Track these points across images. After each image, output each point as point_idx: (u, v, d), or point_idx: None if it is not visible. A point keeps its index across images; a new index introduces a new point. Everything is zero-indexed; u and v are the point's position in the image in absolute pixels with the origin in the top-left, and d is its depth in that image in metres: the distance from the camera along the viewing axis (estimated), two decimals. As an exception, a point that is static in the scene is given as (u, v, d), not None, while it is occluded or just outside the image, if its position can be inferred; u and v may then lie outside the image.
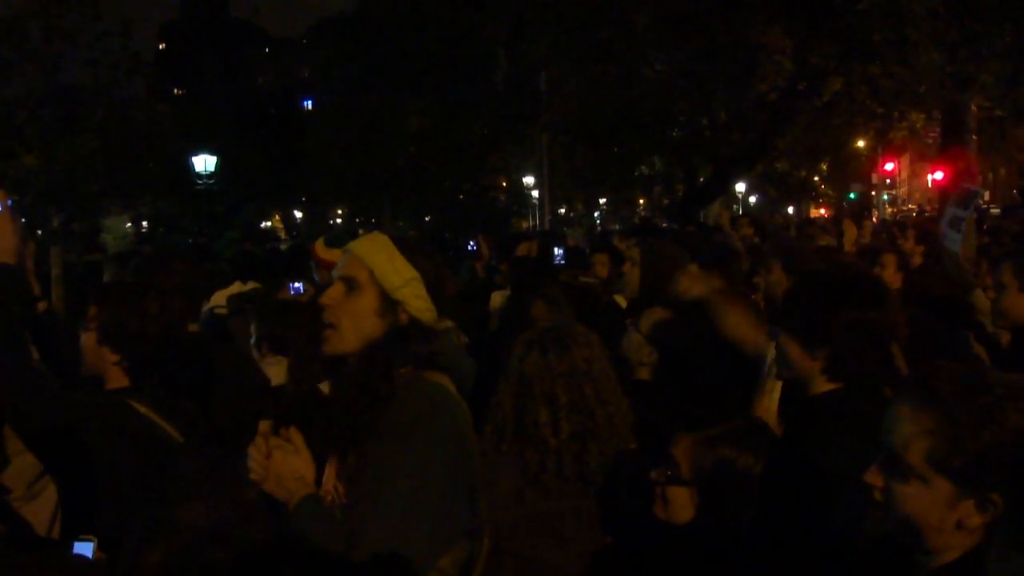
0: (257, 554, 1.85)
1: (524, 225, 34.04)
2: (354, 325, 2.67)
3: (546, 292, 5.01)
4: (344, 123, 33.26)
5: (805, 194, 41.41)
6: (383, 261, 2.69)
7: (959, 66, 14.69)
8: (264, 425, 2.60)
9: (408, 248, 2.75)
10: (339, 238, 5.85)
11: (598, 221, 40.50)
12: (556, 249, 7.07)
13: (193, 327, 4.31)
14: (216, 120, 39.09)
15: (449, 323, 5.03)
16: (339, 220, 45.72)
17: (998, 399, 1.83)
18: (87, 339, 3.36)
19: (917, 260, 8.53)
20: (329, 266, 3.39)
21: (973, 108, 16.28)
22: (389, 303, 2.68)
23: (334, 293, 2.70)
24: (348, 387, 2.66)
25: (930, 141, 22.34)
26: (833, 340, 2.75)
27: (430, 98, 31.60)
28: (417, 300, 2.70)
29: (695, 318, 4.11)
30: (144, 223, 41.22)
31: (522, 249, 7.20)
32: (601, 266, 7.42)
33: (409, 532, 2.50)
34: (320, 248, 6.17)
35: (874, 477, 1.96)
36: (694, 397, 3.81)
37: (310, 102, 50.56)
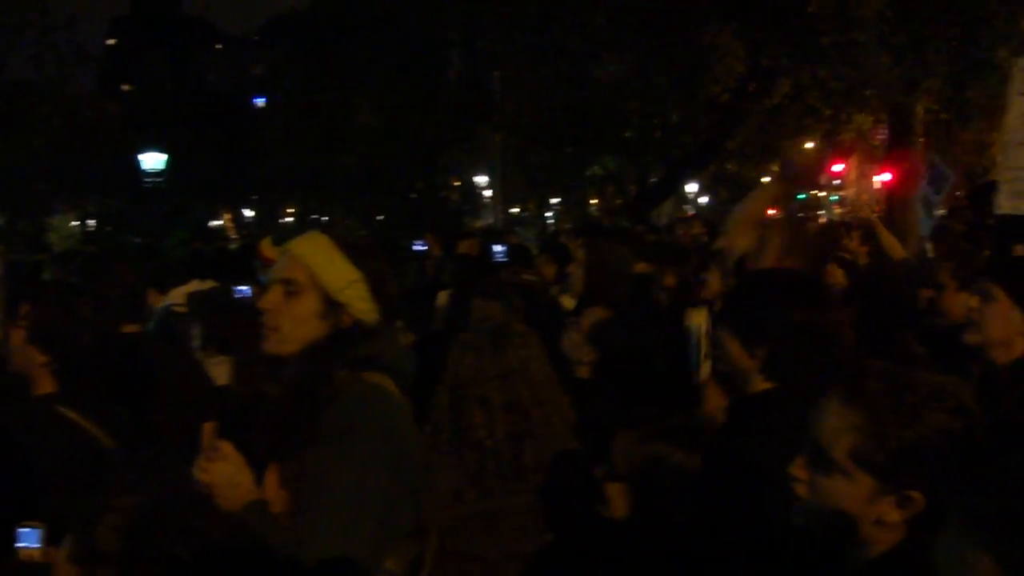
0: (213, 546, 1.84)
1: (477, 224, 33.96)
2: (295, 328, 2.64)
3: (502, 292, 4.99)
4: (295, 121, 33.00)
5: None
6: (324, 262, 2.65)
7: (906, 70, 14.90)
8: (208, 427, 2.58)
9: (351, 248, 2.72)
10: (288, 237, 5.80)
11: (550, 221, 40.49)
12: (496, 247, 7.03)
13: (136, 327, 4.26)
14: (166, 117, 38.54)
15: (397, 323, 5.03)
16: (290, 219, 45.30)
17: (922, 398, 1.87)
18: (16, 336, 3.27)
19: (863, 260, 8.62)
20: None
21: (919, 111, 16.53)
22: (332, 305, 2.64)
23: (273, 297, 2.66)
24: (287, 391, 2.63)
25: (877, 143, 22.62)
26: (771, 340, 2.78)
27: (382, 96, 31.44)
28: (360, 302, 2.66)
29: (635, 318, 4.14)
30: (91, 222, 40.58)
31: (463, 247, 7.17)
32: (547, 266, 7.42)
33: (352, 533, 2.48)
34: (266, 247, 6.14)
35: (799, 470, 2.00)
36: (632, 395, 3.84)
37: (262, 100, 50.05)
